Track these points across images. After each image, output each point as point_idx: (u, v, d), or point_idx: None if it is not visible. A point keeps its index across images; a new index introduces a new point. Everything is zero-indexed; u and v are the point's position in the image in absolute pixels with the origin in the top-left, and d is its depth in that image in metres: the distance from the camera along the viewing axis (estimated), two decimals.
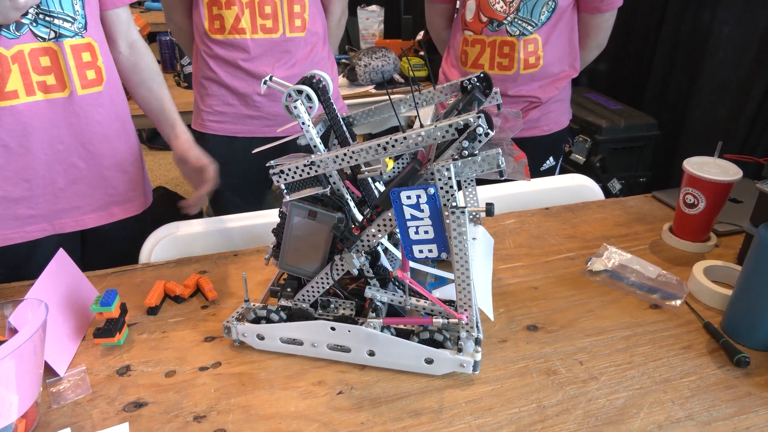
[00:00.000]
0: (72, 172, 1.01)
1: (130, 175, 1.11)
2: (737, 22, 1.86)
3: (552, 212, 1.14)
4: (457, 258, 0.65)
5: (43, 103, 0.94)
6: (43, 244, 1.03)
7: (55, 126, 0.97)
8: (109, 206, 1.09)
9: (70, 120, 0.98)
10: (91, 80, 0.99)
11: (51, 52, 0.92)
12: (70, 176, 1.02)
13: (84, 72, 0.97)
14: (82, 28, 0.96)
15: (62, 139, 0.98)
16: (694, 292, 0.88)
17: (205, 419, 0.66)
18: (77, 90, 0.96)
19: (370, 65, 2.15)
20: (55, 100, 0.95)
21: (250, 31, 1.30)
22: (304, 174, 0.69)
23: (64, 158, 1.00)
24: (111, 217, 1.10)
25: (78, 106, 0.98)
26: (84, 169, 1.03)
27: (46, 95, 0.94)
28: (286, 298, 0.77)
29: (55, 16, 0.91)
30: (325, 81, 0.76)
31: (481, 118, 0.60)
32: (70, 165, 1.01)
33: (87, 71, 0.98)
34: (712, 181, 0.92)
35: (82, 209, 1.05)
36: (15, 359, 0.58)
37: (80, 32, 0.96)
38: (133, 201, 1.13)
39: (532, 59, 1.43)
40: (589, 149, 1.99)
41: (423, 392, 0.70)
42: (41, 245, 1.02)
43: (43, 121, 0.95)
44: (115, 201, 1.09)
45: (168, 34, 2.36)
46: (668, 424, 0.65)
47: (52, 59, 0.93)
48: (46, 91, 0.94)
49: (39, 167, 0.97)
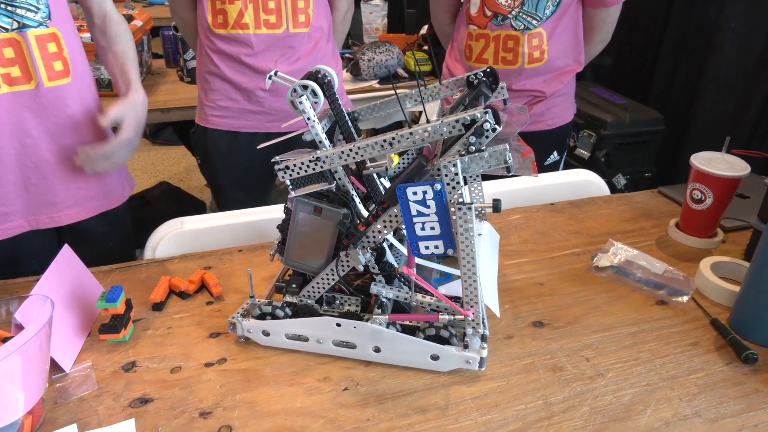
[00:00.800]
0: (43, 166, 0.99)
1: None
2: (744, 16, 1.85)
3: (557, 208, 1.14)
4: (463, 254, 0.65)
5: (8, 96, 0.91)
6: (23, 242, 1.01)
7: (22, 119, 0.94)
8: (85, 201, 1.06)
9: (38, 113, 0.95)
10: (59, 72, 0.96)
11: (14, 43, 0.90)
12: (42, 171, 0.99)
13: (50, 63, 0.94)
14: (46, 17, 0.93)
15: (30, 133, 0.95)
16: (701, 288, 0.88)
17: (210, 415, 0.66)
18: (44, 82, 0.94)
19: (373, 60, 2.14)
20: (20, 92, 0.92)
21: (254, 26, 1.29)
22: (309, 170, 0.69)
23: (34, 152, 0.97)
24: (88, 212, 1.07)
25: (45, 98, 0.95)
26: (55, 163, 1.00)
27: (11, 88, 0.91)
28: (292, 294, 0.77)
29: (17, 6, 0.88)
30: (330, 76, 0.76)
31: (488, 114, 0.60)
32: (40, 159, 0.98)
33: (54, 62, 0.95)
34: (720, 176, 0.91)
35: (57, 205, 1.03)
36: (21, 356, 0.58)
37: (44, 22, 0.93)
38: (110, 195, 1.11)
39: (536, 53, 1.42)
40: (593, 144, 1.98)
41: (429, 389, 0.69)
42: (21, 242, 1.01)
43: (10, 114, 0.92)
44: (90, 195, 1.07)
45: (171, 29, 2.35)
46: (675, 421, 0.65)
47: (16, 50, 0.90)
48: (11, 83, 0.91)
49: (9, 162, 0.95)
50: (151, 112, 2.05)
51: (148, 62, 2.34)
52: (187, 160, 3.60)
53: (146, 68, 2.31)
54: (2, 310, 0.69)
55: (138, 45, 2.13)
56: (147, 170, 3.51)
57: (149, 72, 2.37)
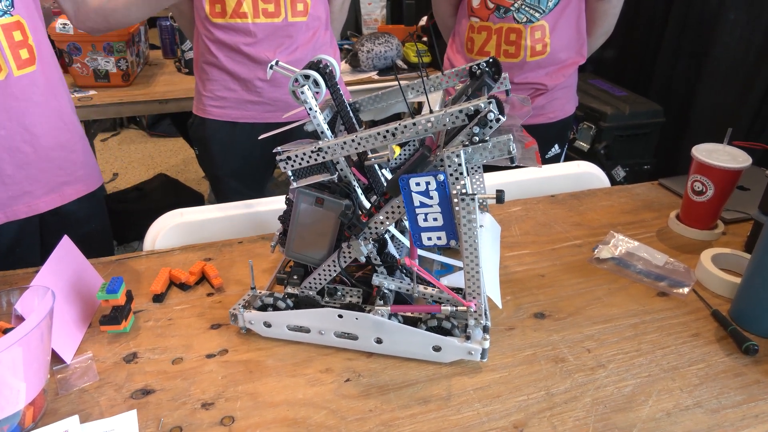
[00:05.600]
0: (18, 157, 0.99)
1: (77, 154, 1.09)
2: (744, 8, 1.84)
3: (558, 199, 1.14)
4: (466, 246, 0.65)
5: None
6: (2, 233, 1.01)
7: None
8: (61, 187, 1.07)
9: (9, 103, 0.95)
10: (25, 60, 0.96)
11: None
12: (17, 161, 0.99)
13: (17, 52, 0.94)
14: (9, 5, 0.93)
15: (3, 124, 0.96)
16: (701, 280, 0.88)
17: (212, 406, 0.66)
18: (13, 71, 0.94)
19: (372, 51, 2.13)
20: None
21: (252, 15, 1.28)
22: (311, 160, 0.68)
23: (8, 144, 0.97)
24: (64, 198, 1.08)
25: (15, 88, 0.95)
26: (30, 153, 1.01)
27: None
28: (293, 286, 0.77)
29: None
30: (332, 66, 0.75)
31: (492, 104, 0.59)
32: (15, 150, 0.98)
33: (20, 50, 0.95)
34: (722, 168, 0.91)
35: (34, 194, 1.03)
36: (22, 347, 0.57)
37: (8, 10, 0.93)
38: (85, 180, 1.12)
39: (539, 46, 1.41)
40: (593, 136, 1.98)
41: (431, 380, 0.69)
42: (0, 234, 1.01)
43: None
44: (66, 181, 1.08)
45: (168, 19, 2.33)
46: (677, 412, 0.65)
47: None
48: None
49: None
50: (149, 104, 2.04)
51: (145, 53, 2.33)
52: (185, 152, 3.59)
53: (143, 59, 2.30)
54: (3, 301, 0.68)
55: (135, 36, 2.12)
56: (144, 162, 3.50)
57: (146, 63, 2.35)
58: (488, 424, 0.63)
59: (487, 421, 0.64)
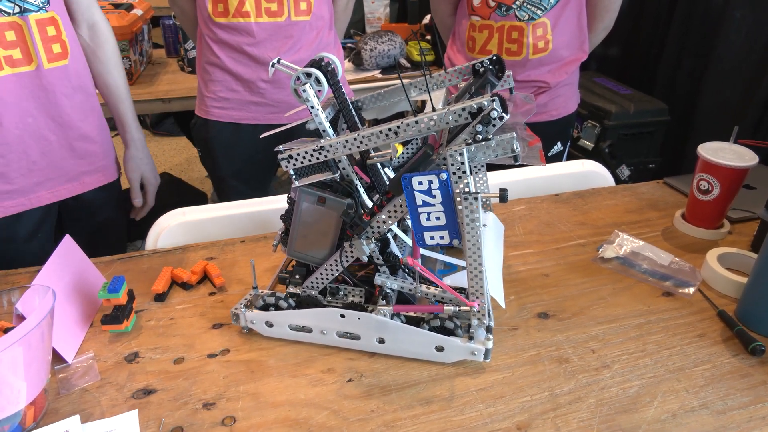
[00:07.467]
0: (43, 144, 1.04)
1: (98, 145, 1.13)
2: (749, 6, 1.83)
3: (562, 198, 1.13)
4: (469, 245, 0.64)
5: (10, 77, 0.95)
6: (24, 219, 1.05)
7: (24, 99, 0.98)
8: (82, 176, 1.12)
9: (38, 94, 1.00)
10: (57, 54, 1.00)
11: (16, 26, 0.93)
12: (42, 149, 1.04)
13: (50, 46, 0.99)
14: (45, 2, 0.97)
15: (31, 113, 1.00)
16: (707, 280, 0.87)
17: (214, 406, 0.65)
18: (44, 64, 0.98)
19: (376, 49, 2.12)
20: (22, 74, 0.97)
21: (255, 15, 1.28)
22: (313, 159, 0.68)
23: (35, 131, 1.02)
24: (84, 186, 1.13)
25: (45, 80, 0.99)
26: (54, 141, 1.05)
27: (14, 69, 0.95)
28: (295, 285, 0.76)
29: None
30: (334, 64, 0.74)
31: (496, 102, 0.59)
32: (41, 138, 1.03)
33: (53, 45, 0.99)
34: (728, 166, 0.90)
35: (56, 180, 1.08)
36: (23, 346, 0.57)
37: (44, 6, 0.97)
38: (104, 170, 1.16)
39: (541, 44, 1.40)
40: (597, 135, 1.97)
41: (433, 380, 0.69)
42: (21, 220, 1.05)
43: (12, 95, 0.96)
44: (86, 171, 1.12)
45: (171, 18, 2.33)
46: (682, 413, 0.64)
47: (18, 34, 0.94)
48: (13, 65, 0.95)
49: (12, 142, 0.99)
50: (152, 103, 2.04)
51: (148, 52, 2.33)
52: (188, 151, 3.59)
53: (146, 58, 2.30)
54: (4, 301, 0.68)
55: (138, 34, 2.12)
56: None
57: (149, 62, 2.35)
58: (491, 425, 0.63)
59: (491, 422, 0.63)
